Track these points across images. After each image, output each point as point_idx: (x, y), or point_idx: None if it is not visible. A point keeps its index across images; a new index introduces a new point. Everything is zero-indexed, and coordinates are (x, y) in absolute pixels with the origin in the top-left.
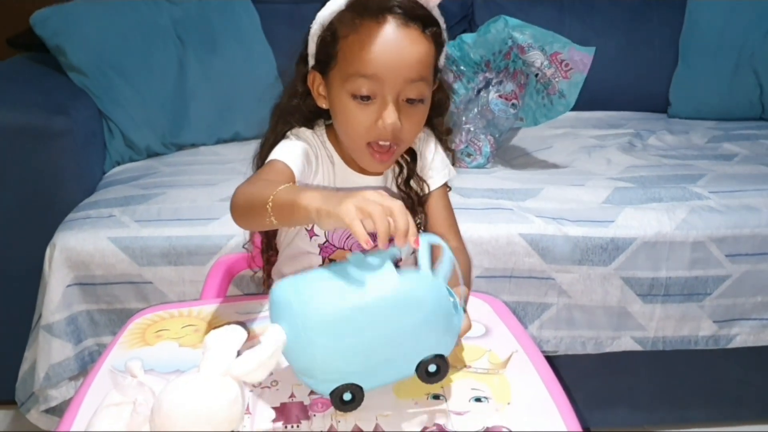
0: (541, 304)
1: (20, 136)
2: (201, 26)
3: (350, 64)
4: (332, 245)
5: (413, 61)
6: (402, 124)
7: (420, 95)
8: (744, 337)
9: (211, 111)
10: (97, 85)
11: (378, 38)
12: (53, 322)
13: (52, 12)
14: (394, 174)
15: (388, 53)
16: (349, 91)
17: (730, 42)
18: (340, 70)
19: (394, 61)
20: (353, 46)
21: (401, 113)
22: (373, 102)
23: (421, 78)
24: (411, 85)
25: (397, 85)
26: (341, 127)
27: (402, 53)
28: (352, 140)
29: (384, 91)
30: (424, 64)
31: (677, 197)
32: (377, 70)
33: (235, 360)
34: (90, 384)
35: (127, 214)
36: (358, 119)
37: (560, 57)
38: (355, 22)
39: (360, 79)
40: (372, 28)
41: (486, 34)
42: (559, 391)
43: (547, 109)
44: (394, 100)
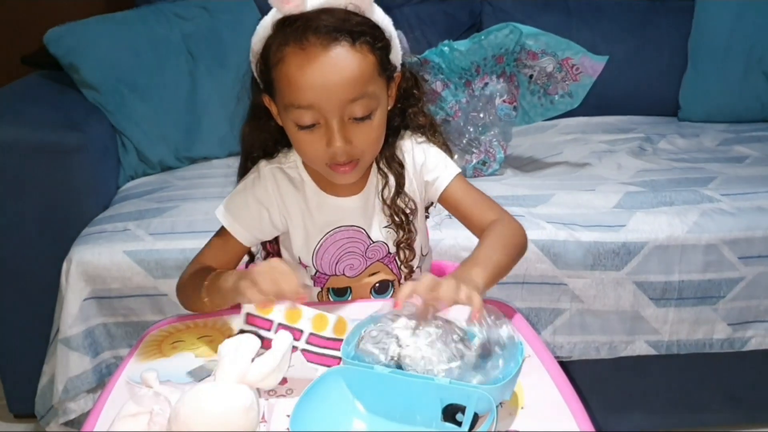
0: (554, 310)
1: (36, 153)
2: (211, 41)
3: (285, 96)
4: (324, 274)
5: (347, 81)
6: (354, 141)
7: (366, 111)
8: (759, 339)
9: (222, 124)
10: (110, 101)
11: (304, 66)
12: (71, 336)
13: (65, 30)
14: (378, 189)
15: (317, 81)
16: (292, 121)
17: (739, 45)
18: (279, 100)
19: (326, 88)
20: (283, 77)
21: (351, 132)
22: (318, 127)
23: (362, 95)
24: (353, 104)
25: (336, 109)
26: (297, 151)
27: (333, 77)
28: (311, 163)
29: (325, 116)
30: (362, 79)
31: (689, 200)
32: (311, 100)
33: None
34: (108, 396)
35: (141, 228)
36: (309, 146)
37: (571, 62)
38: (281, 49)
39: (298, 110)
40: (297, 54)
41: (483, 41)
42: (572, 395)
43: (545, 108)
44: (339, 123)
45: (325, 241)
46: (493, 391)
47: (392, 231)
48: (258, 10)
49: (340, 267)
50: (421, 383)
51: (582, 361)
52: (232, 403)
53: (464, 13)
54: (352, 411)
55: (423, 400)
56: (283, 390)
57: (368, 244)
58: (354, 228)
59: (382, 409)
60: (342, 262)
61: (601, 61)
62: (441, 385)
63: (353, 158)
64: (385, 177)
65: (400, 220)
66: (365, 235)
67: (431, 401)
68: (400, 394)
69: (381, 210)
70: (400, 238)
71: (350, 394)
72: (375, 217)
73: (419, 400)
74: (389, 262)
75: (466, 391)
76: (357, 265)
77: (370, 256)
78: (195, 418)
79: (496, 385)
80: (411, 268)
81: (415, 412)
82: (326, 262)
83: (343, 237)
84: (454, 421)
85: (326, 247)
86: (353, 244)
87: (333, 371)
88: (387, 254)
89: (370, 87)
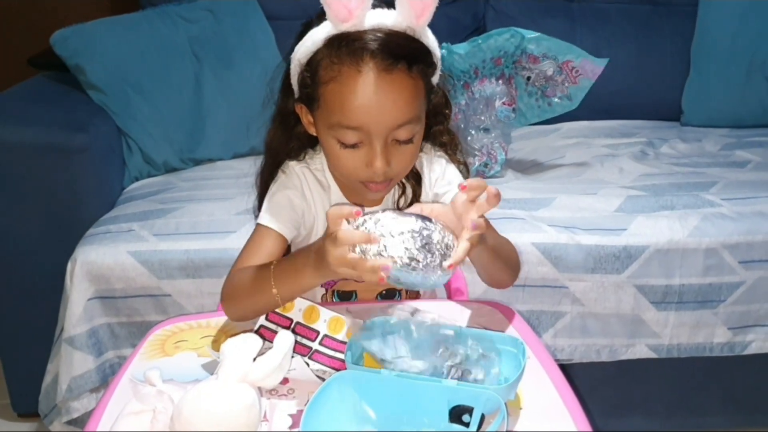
0: (554, 313)
1: (42, 154)
2: (217, 43)
3: (333, 114)
4: None
5: (399, 107)
6: (393, 163)
7: (410, 135)
8: (759, 343)
9: (227, 126)
10: (115, 102)
11: (360, 89)
12: (75, 335)
13: (71, 32)
14: (394, 198)
15: (372, 105)
16: (335, 138)
17: (741, 49)
18: (324, 116)
19: (380, 112)
20: (335, 96)
21: (391, 153)
22: (361, 147)
23: (409, 120)
24: (400, 129)
25: (383, 132)
26: (331, 165)
27: (387, 102)
28: (344, 178)
29: (372, 139)
30: (413, 105)
31: (689, 205)
32: (362, 122)
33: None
34: (111, 394)
35: (146, 229)
36: (347, 163)
37: (571, 65)
38: (334, 69)
39: (344, 130)
40: (353, 77)
41: (482, 44)
42: (571, 397)
43: (542, 110)
44: (382, 145)
45: None
46: (500, 391)
47: None
48: (263, 13)
49: None
50: (428, 385)
51: (583, 364)
52: (234, 402)
53: (467, 16)
54: (360, 414)
55: (430, 401)
56: (284, 390)
57: None
58: None
59: (389, 412)
60: None
61: (601, 65)
62: (448, 387)
63: (388, 178)
64: (402, 187)
65: None
66: None
67: (438, 403)
68: (407, 396)
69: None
70: None
71: (358, 397)
72: None
73: (426, 402)
74: None
75: (473, 392)
76: None
77: None
78: (197, 416)
79: (502, 386)
80: None
81: (422, 414)
82: None
83: None
84: (460, 423)
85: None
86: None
87: (340, 376)
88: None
89: (418, 112)
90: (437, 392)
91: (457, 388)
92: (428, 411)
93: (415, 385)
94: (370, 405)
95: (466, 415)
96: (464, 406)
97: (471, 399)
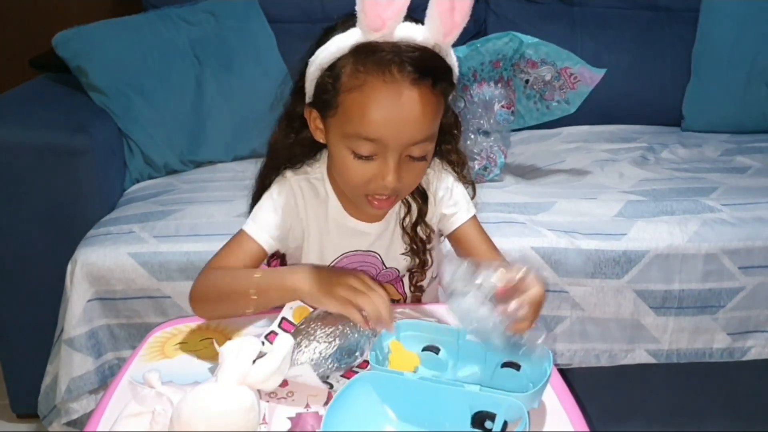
0: (554, 317)
1: (43, 155)
2: (218, 46)
3: (351, 123)
4: None
5: (420, 124)
6: (402, 178)
7: (424, 152)
8: (759, 349)
9: (228, 129)
10: (117, 104)
11: (384, 101)
12: (74, 337)
13: (73, 34)
14: (399, 217)
15: (394, 118)
16: (348, 147)
17: (742, 55)
18: (341, 124)
19: (401, 126)
20: (356, 105)
21: (402, 168)
22: (374, 159)
23: (426, 138)
24: (416, 145)
25: (400, 147)
26: (337, 174)
27: (409, 117)
28: (350, 190)
29: (386, 152)
30: (432, 123)
31: (689, 210)
32: (381, 135)
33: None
34: (111, 396)
35: (146, 230)
36: (357, 174)
37: (570, 71)
38: (359, 77)
39: (361, 141)
40: (378, 88)
41: (480, 48)
42: (571, 402)
43: (540, 113)
44: (396, 160)
45: (338, 261)
46: (524, 398)
47: (408, 258)
48: (264, 16)
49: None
50: (450, 390)
51: (582, 369)
52: (233, 404)
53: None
54: (382, 416)
55: (452, 406)
56: (283, 392)
57: (381, 269)
58: (371, 254)
59: (411, 415)
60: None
61: (599, 73)
62: (470, 392)
63: (395, 193)
64: (407, 205)
65: (418, 247)
66: (380, 261)
67: (460, 408)
68: (429, 400)
69: (400, 237)
70: (416, 265)
71: (379, 399)
72: (392, 244)
73: (448, 407)
74: (396, 283)
75: (496, 399)
76: None
77: (380, 279)
78: (196, 418)
79: (526, 393)
80: (421, 288)
81: (443, 418)
82: (341, 265)
83: (357, 260)
84: (483, 428)
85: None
86: (366, 267)
87: (362, 377)
88: (396, 277)
89: (435, 130)
90: (459, 397)
91: (479, 393)
92: (450, 415)
93: (437, 389)
94: (391, 406)
95: (488, 422)
96: (487, 412)
97: (493, 405)
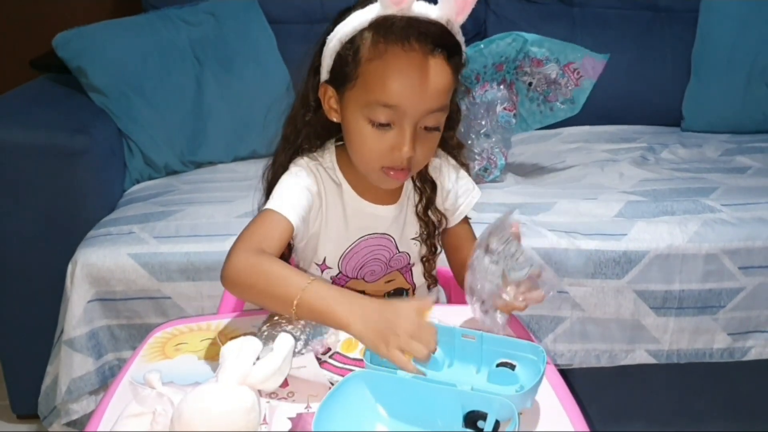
0: (555, 318)
1: (43, 155)
2: (218, 47)
3: (371, 91)
4: (345, 276)
5: (437, 92)
6: (417, 150)
7: (437, 123)
8: (759, 349)
9: (228, 129)
10: (117, 105)
11: (404, 68)
12: (75, 337)
13: (73, 34)
14: (414, 202)
15: (413, 85)
16: (366, 116)
17: (742, 56)
18: (359, 94)
19: (418, 93)
20: (377, 73)
21: (417, 140)
22: (390, 129)
23: (441, 108)
24: (431, 114)
25: (417, 115)
26: (354, 148)
27: (427, 84)
28: (366, 163)
29: (403, 121)
30: (446, 94)
31: (689, 210)
32: (400, 101)
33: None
34: (111, 396)
35: (146, 231)
36: (374, 145)
37: (573, 66)
38: (379, 47)
39: (380, 108)
40: (398, 55)
41: (483, 49)
42: (571, 402)
43: (544, 115)
44: (412, 129)
45: (356, 245)
46: (515, 398)
47: (418, 243)
48: (265, 16)
49: (363, 271)
50: (443, 389)
51: (582, 369)
52: (233, 404)
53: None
54: (374, 415)
55: (444, 405)
56: (284, 393)
57: (394, 253)
58: (386, 236)
59: (403, 414)
60: (366, 267)
61: (602, 60)
62: (463, 392)
63: (410, 165)
64: (420, 192)
65: (430, 232)
66: (394, 244)
67: (453, 407)
68: (422, 399)
69: (413, 222)
70: (428, 250)
71: (372, 398)
72: (405, 227)
73: (441, 406)
74: (406, 272)
75: (488, 399)
76: (378, 271)
77: (392, 265)
78: (197, 418)
79: (517, 393)
80: (434, 278)
81: (436, 417)
82: (352, 266)
83: (374, 243)
84: (475, 428)
85: (355, 251)
86: (381, 251)
87: (355, 375)
88: (407, 264)
89: (447, 102)
90: (452, 397)
91: (471, 393)
92: (442, 414)
93: (430, 389)
94: (384, 405)
95: (480, 421)
96: (479, 411)
97: (485, 405)
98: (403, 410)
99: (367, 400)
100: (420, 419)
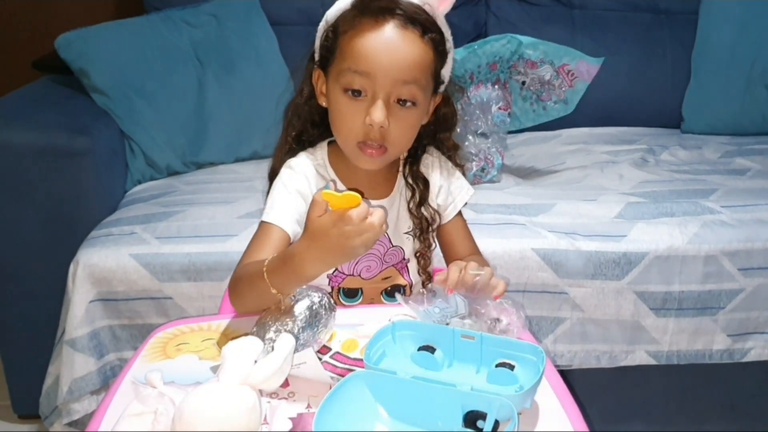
0: (554, 319)
1: (45, 156)
2: (220, 48)
3: (345, 59)
4: (341, 273)
5: (407, 62)
6: (390, 124)
7: (411, 97)
8: (759, 350)
9: (229, 130)
10: (119, 106)
11: (374, 36)
12: (76, 337)
13: (75, 35)
14: (406, 198)
15: (382, 51)
16: (341, 86)
17: (741, 58)
18: (337, 65)
19: (387, 60)
20: (350, 42)
21: (391, 114)
22: (363, 99)
23: (414, 80)
24: (403, 86)
25: (388, 84)
26: (335, 125)
27: (396, 53)
28: (344, 138)
29: (375, 88)
30: (419, 68)
31: (689, 212)
32: (370, 67)
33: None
34: (113, 396)
35: (148, 232)
36: (348, 116)
37: (567, 68)
38: (355, 20)
39: (352, 74)
40: (370, 25)
41: (478, 50)
42: (571, 403)
43: (537, 114)
44: (384, 100)
45: None
46: (515, 399)
47: (411, 237)
48: (266, 18)
49: (358, 267)
50: (443, 390)
51: (582, 370)
52: (234, 404)
53: (469, 23)
54: (374, 415)
55: (444, 406)
56: (285, 393)
57: (388, 247)
58: None
59: (403, 414)
60: (361, 263)
61: (596, 64)
62: (462, 392)
63: (383, 143)
64: (412, 188)
65: (423, 227)
66: (387, 238)
67: (452, 407)
68: (422, 399)
69: (406, 217)
70: (422, 246)
71: (372, 398)
72: (398, 222)
73: (441, 406)
74: (402, 268)
75: (487, 399)
76: (374, 267)
77: (387, 260)
78: (198, 418)
79: (517, 394)
80: (429, 274)
81: (436, 417)
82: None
83: None
84: (474, 428)
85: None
86: (375, 245)
87: (355, 375)
88: (402, 260)
89: (422, 78)
90: (451, 397)
91: (471, 393)
92: (442, 414)
93: (429, 389)
94: (384, 405)
95: (480, 421)
96: (479, 411)
97: (485, 405)
98: (403, 410)
99: (367, 400)
100: (420, 419)
